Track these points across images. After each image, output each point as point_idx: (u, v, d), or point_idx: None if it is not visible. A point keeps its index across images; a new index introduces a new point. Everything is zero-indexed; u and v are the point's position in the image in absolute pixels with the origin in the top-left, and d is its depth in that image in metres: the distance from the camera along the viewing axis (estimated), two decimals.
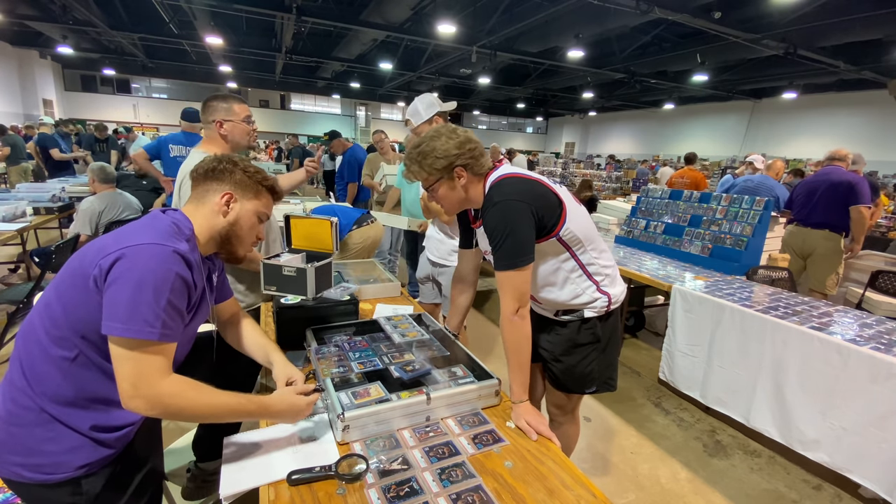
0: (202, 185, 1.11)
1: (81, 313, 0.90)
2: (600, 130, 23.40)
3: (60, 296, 0.93)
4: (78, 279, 0.91)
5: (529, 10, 8.67)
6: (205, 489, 1.65)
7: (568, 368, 1.47)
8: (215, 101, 1.77)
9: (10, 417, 0.93)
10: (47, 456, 0.91)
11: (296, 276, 1.56)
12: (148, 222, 1.00)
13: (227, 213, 1.10)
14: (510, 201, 1.22)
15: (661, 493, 2.02)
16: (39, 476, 0.91)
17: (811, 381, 1.89)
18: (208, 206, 1.09)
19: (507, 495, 0.92)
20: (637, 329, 3.79)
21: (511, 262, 1.21)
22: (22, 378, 0.93)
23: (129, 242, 0.89)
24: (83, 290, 0.90)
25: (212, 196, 1.10)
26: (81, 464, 0.93)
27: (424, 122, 2.24)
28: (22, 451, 0.91)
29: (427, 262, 2.50)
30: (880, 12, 6.91)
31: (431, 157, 1.26)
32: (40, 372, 0.92)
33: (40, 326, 0.94)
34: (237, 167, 1.12)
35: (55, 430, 0.92)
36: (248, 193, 1.13)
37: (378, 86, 18.02)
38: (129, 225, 0.99)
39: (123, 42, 12.36)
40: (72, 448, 0.93)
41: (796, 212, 3.70)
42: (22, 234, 3.54)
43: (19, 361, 0.95)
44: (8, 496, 1.32)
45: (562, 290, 1.40)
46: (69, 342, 0.92)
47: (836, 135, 13.29)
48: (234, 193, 1.11)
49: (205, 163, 1.12)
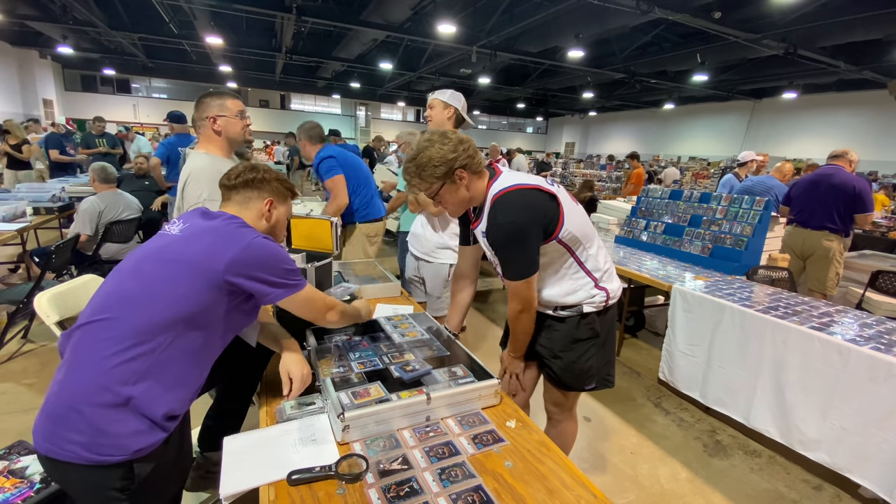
0: (242, 192, 1.22)
1: (193, 302, 1.01)
2: (600, 130, 23.39)
3: (155, 292, 1.00)
4: (196, 274, 1.02)
5: (529, 10, 8.67)
6: (208, 480, 1.65)
7: (567, 365, 1.48)
8: (207, 97, 1.76)
9: (82, 396, 0.94)
10: (111, 437, 0.93)
11: None
12: (240, 225, 1.13)
13: (270, 217, 1.25)
14: (515, 223, 1.27)
15: (661, 493, 2.02)
16: (97, 457, 0.92)
17: (811, 381, 1.89)
18: (253, 212, 1.22)
19: (507, 495, 0.92)
20: (637, 329, 3.79)
21: (518, 275, 1.31)
22: (104, 358, 0.95)
23: (245, 238, 1.07)
24: (200, 285, 1.01)
25: (255, 203, 1.22)
26: (139, 447, 0.95)
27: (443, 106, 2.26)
28: (87, 430, 0.92)
29: (412, 259, 2.49)
30: (880, 12, 6.91)
31: (430, 167, 1.29)
32: (129, 355, 0.95)
33: (127, 321, 0.98)
34: (273, 176, 1.26)
35: (125, 413, 0.95)
36: (282, 199, 1.28)
37: (378, 86, 18.01)
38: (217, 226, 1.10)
39: (123, 42, 12.35)
40: (136, 431, 0.95)
41: (796, 213, 3.69)
42: (22, 234, 3.53)
43: (103, 336, 0.97)
44: (8, 496, 1.32)
45: (561, 287, 1.42)
46: (165, 333, 0.98)
47: (837, 135, 13.28)
48: (274, 200, 1.24)
49: (241, 173, 1.22)
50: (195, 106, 1.78)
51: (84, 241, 3.33)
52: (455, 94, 2.30)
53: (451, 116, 2.27)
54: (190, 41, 11.82)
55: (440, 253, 2.36)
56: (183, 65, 15.81)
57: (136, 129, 12.48)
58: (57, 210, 4.05)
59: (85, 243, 3.35)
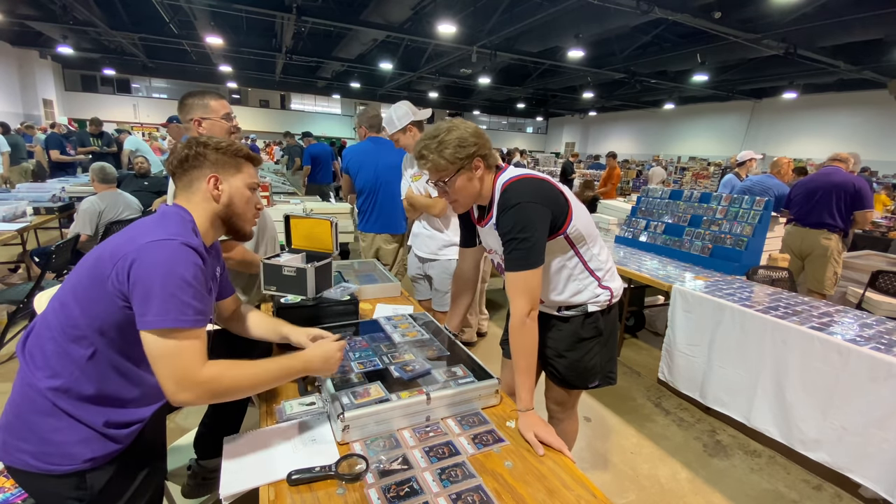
0: (183, 175, 1.07)
1: (100, 311, 0.92)
2: (600, 130, 23.38)
3: (77, 295, 0.94)
4: (95, 279, 0.92)
5: (529, 10, 8.66)
6: (205, 487, 1.65)
7: (572, 363, 1.48)
8: (191, 98, 1.69)
9: (23, 404, 0.93)
10: (56, 446, 0.91)
11: (296, 276, 1.56)
12: (158, 219, 1.00)
13: (218, 196, 1.07)
14: (529, 203, 1.23)
15: (661, 493, 2.02)
16: (46, 466, 0.91)
17: (811, 381, 1.89)
18: (199, 195, 1.06)
19: (507, 495, 0.92)
20: (637, 329, 3.79)
21: (526, 263, 1.22)
22: (37, 369, 0.93)
23: (142, 240, 0.90)
24: (101, 290, 0.91)
25: (198, 184, 1.07)
26: (88, 457, 0.93)
27: (398, 130, 2.31)
28: (32, 438, 0.91)
29: (415, 259, 2.50)
30: (880, 12, 6.89)
31: (453, 147, 1.25)
32: (57, 369, 0.93)
33: (57, 325, 0.94)
34: (209, 147, 1.07)
35: (66, 421, 0.93)
36: (231, 169, 1.10)
37: (378, 86, 18.00)
38: (140, 222, 0.99)
39: (124, 42, 12.34)
40: (81, 440, 0.93)
41: (795, 211, 3.69)
42: (22, 234, 3.54)
43: (34, 355, 0.95)
44: (8, 496, 1.32)
45: (566, 286, 1.42)
46: (87, 340, 0.93)
47: (837, 135, 13.28)
48: (217, 175, 1.07)
49: (176, 153, 1.08)
50: (178, 107, 1.71)
51: (84, 241, 3.33)
52: (398, 110, 2.34)
53: (414, 132, 2.34)
54: (190, 41, 11.81)
55: (446, 251, 2.38)
56: (183, 65, 15.80)
57: (135, 129, 12.48)
58: (57, 210, 4.05)
59: (85, 243, 3.35)
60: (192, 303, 0.90)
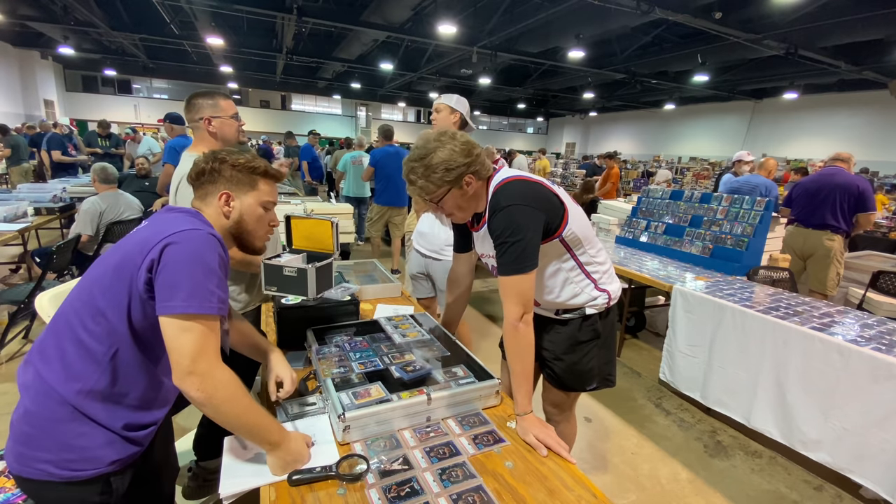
0: (200, 188, 1.09)
1: (125, 304, 0.92)
2: (601, 131, 23.38)
3: (105, 291, 0.92)
4: (121, 272, 0.91)
5: (530, 10, 8.67)
6: (205, 488, 1.66)
7: (570, 366, 1.47)
8: (200, 98, 1.69)
9: (40, 412, 0.91)
10: (79, 451, 0.90)
11: (296, 277, 1.56)
12: (184, 215, 1.01)
13: (228, 213, 1.08)
14: (519, 206, 1.20)
15: (661, 493, 2.02)
16: (69, 473, 0.89)
17: (812, 381, 1.89)
18: (212, 208, 1.08)
19: (507, 496, 0.92)
20: (638, 329, 3.79)
21: (518, 267, 1.19)
22: (54, 373, 0.92)
23: (173, 230, 0.92)
24: (126, 284, 0.91)
25: (211, 198, 1.08)
26: (114, 459, 0.93)
27: (449, 110, 2.28)
28: (53, 446, 0.90)
29: (417, 257, 2.49)
30: (881, 12, 6.90)
31: (440, 171, 1.20)
32: (77, 370, 0.91)
33: (78, 323, 0.92)
34: (225, 163, 1.07)
35: (89, 426, 0.92)
36: (244, 187, 1.09)
37: (379, 86, 18.02)
38: (165, 218, 0.99)
39: (124, 43, 12.37)
40: (105, 443, 0.92)
41: (797, 212, 3.69)
42: (23, 234, 3.54)
43: (51, 356, 0.94)
44: (9, 496, 1.32)
45: (562, 290, 1.41)
46: (111, 338, 0.92)
47: (837, 135, 13.28)
48: (230, 192, 1.07)
49: (196, 165, 1.09)
50: (186, 106, 1.72)
51: (85, 242, 3.33)
52: (461, 100, 2.32)
53: (457, 121, 2.29)
54: (191, 42, 11.84)
55: (449, 250, 2.37)
56: (184, 65, 15.83)
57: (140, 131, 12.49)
58: (58, 210, 4.06)
59: (86, 243, 3.35)
60: (217, 291, 0.92)
